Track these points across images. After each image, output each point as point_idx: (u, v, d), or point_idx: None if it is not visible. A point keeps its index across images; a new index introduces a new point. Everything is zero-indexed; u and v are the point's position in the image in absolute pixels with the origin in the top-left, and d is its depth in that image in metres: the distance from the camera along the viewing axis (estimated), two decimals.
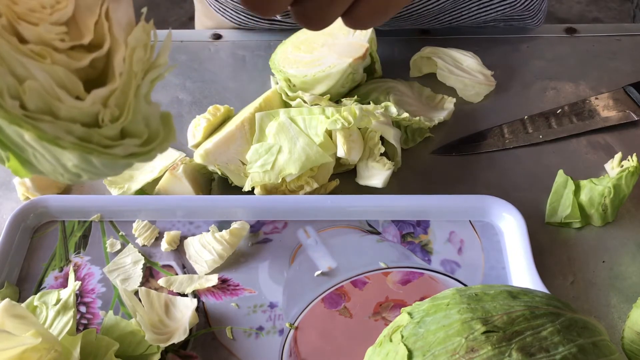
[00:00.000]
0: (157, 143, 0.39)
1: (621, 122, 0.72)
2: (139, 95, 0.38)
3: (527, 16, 0.87)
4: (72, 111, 0.36)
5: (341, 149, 0.63)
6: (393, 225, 0.64)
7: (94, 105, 0.36)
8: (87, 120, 0.37)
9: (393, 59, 0.80)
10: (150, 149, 0.39)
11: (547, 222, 0.65)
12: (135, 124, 0.39)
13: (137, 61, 0.38)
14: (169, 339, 0.54)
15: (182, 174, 0.64)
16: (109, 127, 0.37)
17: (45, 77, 0.35)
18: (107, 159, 0.37)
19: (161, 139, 0.39)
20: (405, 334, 0.42)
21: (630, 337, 0.49)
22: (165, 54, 0.40)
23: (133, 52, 0.37)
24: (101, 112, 0.37)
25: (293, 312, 0.58)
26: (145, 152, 0.39)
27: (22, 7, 0.35)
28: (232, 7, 0.86)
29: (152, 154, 0.39)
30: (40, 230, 0.64)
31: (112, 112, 0.37)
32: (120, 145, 0.37)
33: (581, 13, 2.25)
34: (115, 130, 0.37)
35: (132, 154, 0.38)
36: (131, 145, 0.38)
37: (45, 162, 0.37)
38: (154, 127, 0.40)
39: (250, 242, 0.63)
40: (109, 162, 0.37)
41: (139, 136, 0.39)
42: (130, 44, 0.37)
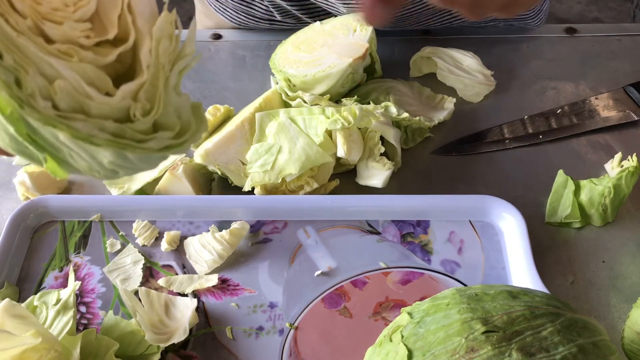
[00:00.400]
0: (190, 134, 0.39)
1: (621, 122, 0.72)
2: (169, 87, 0.38)
3: (528, 16, 0.87)
4: (103, 108, 0.36)
5: (341, 149, 0.63)
6: (393, 225, 0.64)
7: (124, 100, 0.36)
8: (119, 116, 0.37)
9: (393, 59, 0.80)
10: (184, 141, 0.39)
11: (547, 222, 0.65)
12: (167, 117, 0.38)
13: (164, 52, 0.37)
14: (169, 339, 0.54)
15: (182, 174, 0.64)
16: (141, 121, 0.37)
17: (73, 75, 0.35)
18: (142, 154, 0.37)
19: (194, 130, 0.39)
20: (405, 334, 0.42)
21: (630, 337, 0.49)
22: (192, 43, 0.39)
23: (159, 44, 0.37)
24: (132, 106, 0.37)
25: (293, 312, 0.58)
26: (179, 144, 0.38)
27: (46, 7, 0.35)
28: (233, 7, 0.86)
29: (186, 145, 0.39)
30: (40, 230, 0.64)
31: (143, 105, 0.37)
32: (154, 139, 0.37)
33: (581, 13, 2.25)
34: (147, 124, 0.37)
35: (166, 146, 0.38)
36: (165, 138, 0.38)
37: (81, 161, 0.37)
38: (186, 118, 0.39)
39: (250, 242, 0.63)
40: (144, 157, 0.37)
41: (171, 128, 0.38)
42: (155, 36, 0.37)
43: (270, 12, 0.85)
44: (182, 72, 0.39)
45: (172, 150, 0.38)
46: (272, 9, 0.84)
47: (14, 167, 0.71)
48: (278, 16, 0.85)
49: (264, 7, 0.84)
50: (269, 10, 0.84)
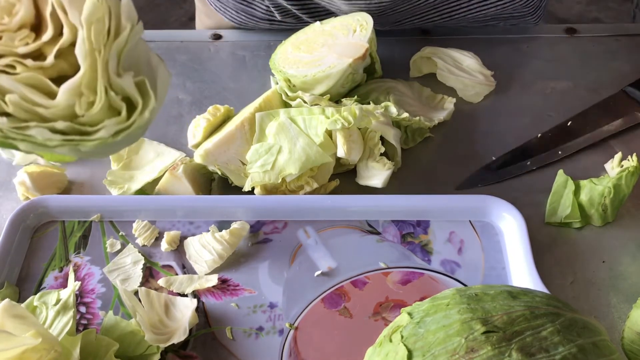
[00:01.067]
0: (137, 114, 0.39)
1: (629, 125, 0.71)
2: (110, 71, 0.38)
3: (527, 13, 0.87)
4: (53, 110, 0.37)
5: (341, 149, 0.63)
6: (393, 225, 0.64)
7: (69, 99, 0.37)
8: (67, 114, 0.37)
9: (393, 59, 0.80)
10: (132, 123, 0.39)
11: (547, 222, 0.65)
12: (113, 101, 0.38)
13: (97, 36, 0.37)
14: (169, 339, 0.54)
15: (182, 174, 0.64)
16: (88, 115, 0.37)
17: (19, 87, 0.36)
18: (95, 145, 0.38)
19: (140, 110, 0.39)
20: (405, 334, 0.42)
21: (630, 337, 0.49)
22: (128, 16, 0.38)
23: (90, 30, 0.37)
24: (77, 103, 0.37)
25: (293, 312, 0.58)
26: (128, 126, 0.39)
27: None
28: (233, 6, 0.86)
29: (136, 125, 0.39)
30: (40, 230, 0.64)
31: (87, 98, 0.37)
32: (102, 129, 0.38)
33: (581, 13, 2.25)
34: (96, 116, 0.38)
35: (116, 131, 0.38)
36: (112, 125, 0.38)
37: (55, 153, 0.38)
38: (133, 98, 0.39)
39: (250, 242, 0.63)
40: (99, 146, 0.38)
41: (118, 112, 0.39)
42: (86, 23, 0.37)
43: (271, 11, 0.85)
44: (122, 52, 0.39)
45: (123, 133, 0.39)
46: (273, 8, 0.84)
47: (14, 167, 0.71)
48: (278, 16, 0.85)
49: (265, 6, 0.84)
50: (270, 10, 0.84)
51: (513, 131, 0.73)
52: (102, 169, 0.70)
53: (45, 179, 0.67)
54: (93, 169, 0.71)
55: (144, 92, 0.40)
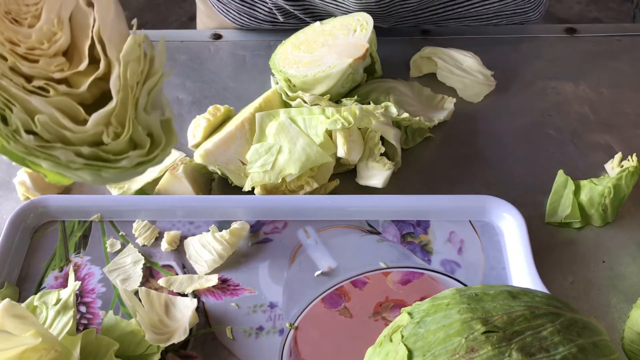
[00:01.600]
0: (160, 149, 0.42)
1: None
2: (138, 108, 0.41)
3: (529, 9, 0.87)
4: (79, 135, 0.39)
5: (341, 149, 0.63)
6: (393, 225, 0.64)
7: (97, 127, 0.40)
8: (93, 140, 0.40)
9: (393, 59, 0.80)
10: (155, 156, 0.42)
11: (547, 222, 0.65)
12: (138, 135, 0.41)
13: (132, 75, 0.40)
14: (169, 339, 0.53)
15: (182, 174, 0.64)
16: (113, 144, 0.40)
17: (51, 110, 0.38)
18: (116, 172, 0.40)
19: (164, 145, 0.42)
20: (405, 334, 0.42)
21: (630, 337, 0.49)
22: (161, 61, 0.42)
23: (127, 68, 0.40)
24: (104, 132, 0.40)
25: (293, 312, 0.58)
26: (150, 160, 0.42)
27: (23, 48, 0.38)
28: (235, 8, 0.86)
29: (157, 159, 0.42)
30: (40, 230, 0.64)
31: (115, 129, 0.40)
32: (126, 158, 0.40)
33: (581, 13, 2.25)
34: (120, 146, 0.40)
35: (138, 163, 0.41)
36: (136, 157, 0.41)
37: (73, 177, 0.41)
38: (156, 134, 0.42)
39: (250, 242, 0.63)
40: (119, 174, 0.41)
41: (142, 146, 0.41)
42: (123, 61, 0.40)
43: (273, 13, 0.85)
44: (152, 92, 0.42)
45: (144, 165, 0.42)
46: (275, 10, 0.84)
47: (14, 167, 0.71)
48: (281, 17, 0.85)
49: (267, 8, 0.84)
50: (272, 12, 0.84)
51: (513, 131, 0.73)
52: None
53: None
54: None
55: (167, 130, 0.43)
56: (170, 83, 0.80)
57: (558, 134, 0.73)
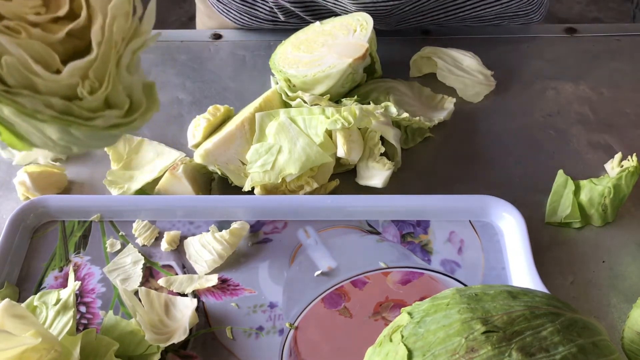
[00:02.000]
0: (139, 114, 0.39)
1: None
2: (121, 66, 0.38)
3: (530, 10, 0.87)
4: (51, 85, 0.36)
5: (341, 149, 0.63)
6: (393, 225, 0.64)
7: (72, 78, 0.36)
8: (67, 93, 0.36)
9: (393, 59, 0.80)
10: (132, 120, 0.39)
11: (547, 222, 0.65)
12: (117, 95, 0.38)
13: (118, 30, 0.37)
14: (169, 339, 0.54)
15: (182, 174, 0.64)
16: (89, 100, 0.37)
17: (20, 52, 0.35)
18: (88, 131, 0.37)
19: (143, 110, 0.39)
20: (405, 334, 0.42)
21: (630, 337, 0.49)
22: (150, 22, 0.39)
23: (113, 21, 0.37)
24: (80, 85, 0.36)
25: (293, 312, 0.58)
26: (127, 123, 0.38)
27: None
28: (236, 8, 0.86)
29: (135, 124, 0.39)
30: (40, 230, 0.64)
31: (92, 83, 0.37)
32: (100, 117, 0.37)
33: (581, 13, 2.25)
34: (96, 102, 0.37)
35: (113, 124, 0.38)
36: (112, 117, 0.38)
37: (34, 136, 0.37)
38: (137, 97, 0.39)
39: (250, 242, 0.63)
40: (91, 134, 0.37)
41: (120, 107, 0.38)
42: (110, 13, 0.36)
43: (274, 13, 0.85)
44: (137, 51, 0.39)
45: (120, 128, 0.38)
46: (276, 9, 0.84)
47: (14, 167, 0.71)
48: (282, 17, 0.85)
49: (268, 8, 0.84)
50: (273, 12, 0.84)
51: (513, 131, 0.73)
52: (102, 169, 0.70)
53: (45, 179, 0.67)
54: (93, 169, 0.71)
55: (149, 95, 0.40)
56: (170, 83, 0.80)
57: (558, 134, 0.73)
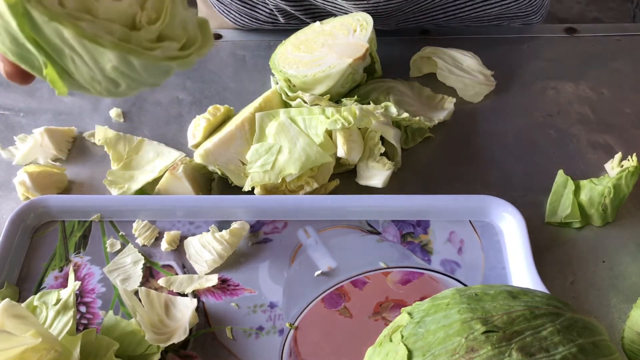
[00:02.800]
0: (196, 47, 0.39)
1: None
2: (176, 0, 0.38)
3: (531, 12, 0.87)
4: (110, 11, 0.36)
5: (341, 149, 0.63)
6: (393, 225, 0.64)
7: (131, 7, 0.36)
8: (125, 22, 0.37)
9: (393, 59, 0.80)
10: (189, 53, 0.39)
11: (547, 222, 0.65)
12: (173, 28, 0.38)
13: None
14: (169, 339, 0.54)
15: (182, 174, 0.64)
16: (147, 30, 0.37)
17: None
18: (147, 60, 0.37)
19: (199, 44, 0.40)
20: (405, 334, 0.42)
21: (630, 337, 0.49)
22: None
23: None
24: (138, 14, 0.37)
25: (293, 312, 0.58)
26: (185, 56, 0.39)
27: None
28: (236, 9, 0.86)
29: (191, 58, 0.39)
30: (40, 230, 0.64)
31: (149, 14, 0.37)
32: (159, 48, 0.37)
33: (581, 13, 2.25)
34: (153, 34, 0.37)
35: (171, 57, 0.38)
36: (170, 49, 0.38)
37: (83, 67, 0.36)
38: (192, 32, 0.40)
39: (250, 242, 0.63)
40: (149, 65, 0.37)
41: (177, 40, 0.39)
42: None
43: (274, 15, 0.85)
44: None
45: (178, 61, 0.38)
46: (276, 12, 0.84)
47: (14, 167, 0.71)
48: (281, 19, 0.85)
49: (268, 10, 0.84)
50: (273, 14, 0.84)
51: (513, 131, 0.73)
52: (102, 169, 0.70)
53: (45, 178, 0.67)
54: (93, 169, 0.71)
55: (204, 31, 0.40)
56: (170, 83, 0.80)
57: (558, 134, 0.73)
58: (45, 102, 0.78)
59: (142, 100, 0.78)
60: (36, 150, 0.71)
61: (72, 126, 0.75)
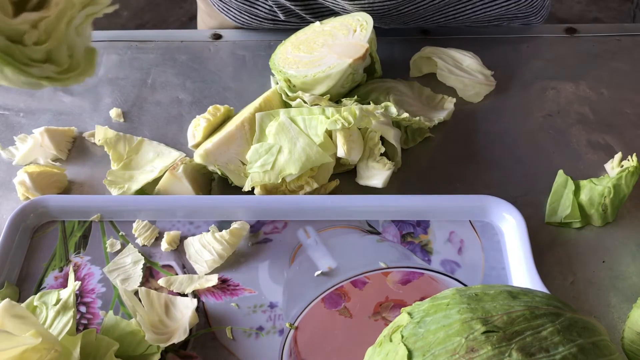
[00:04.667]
0: (75, 74, 0.41)
1: None
2: (71, 26, 0.40)
3: (531, 13, 0.86)
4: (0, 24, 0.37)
5: (341, 149, 0.63)
6: (393, 225, 0.64)
7: (23, 25, 0.38)
8: (12, 35, 0.38)
9: (393, 59, 0.80)
10: (66, 78, 0.41)
11: (547, 222, 0.65)
12: (59, 52, 0.40)
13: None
14: (169, 339, 0.54)
15: (182, 174, 0.64)
16: (33, 49, 0.38)
17: None
18: (21, 75, 0.39)
19: (79, 71, 0.41)
20: (405, 334, 0.42)
21: (630, 337, 0.49)
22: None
23: None
24: (28, 32, 0.38)
25: (293, 312, 0.58)
26: (60, 80, 0.41)
27: None
28: (236, 6, 0.86)
29: (68, 82, 0.41)
30: (40, 230, 0.64)
31: (39, 35, 0.38)
32: (38, 67, 0.39)
33: (581, 13, 2.25)
34: (39, 54, 0.39)
35: (47, 77, 0.40)
36: (49, 71, 0.39)
37: None
38: (77, 59, 0.41)
39: (250, 242, 0.63)
40: (24, 79, 0.39)
41: (60, 64, 0.40)
42: None
43: (274, 12, 0.84)
44: (90, 17, 0.41)
45: (53, 82, 0.40)
46: (276, 8, 0.84)
47: (14, 167, 0.71)
48: (282, 16, 0.85)
49: (268, 7, 0.84)
50: (273, 10, 0.84)
51: (513, 131, 0.73)
52: (102, 169, 0.70)
53: (45, 179, 0.67)
54: (93, 169, 0.71)
55: (89, 59, 0.42)
56: (170, 83, 0.80)
57: (558, 134, 0.73)
58: (45, 102, 0.78)
59: (142, 100, 0.78)
60: (36, 150, 0.71)
61: (72, 126, 0.75)
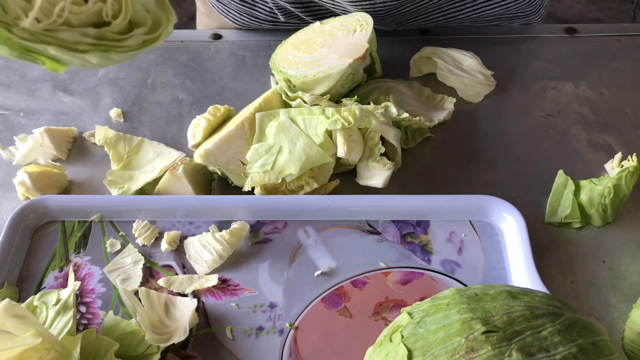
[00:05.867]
0: (163, 27, 0.43)
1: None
2: None
3: (530, 12, 0.87)
4: (81, 16, 0.39)
5: (341, 149, 0.63)
6: (393, 225, 0.64)
7: (95, 5, 0.40)
8: (95, 21, 0.40)
9: (393, 59, 0.80)
10: (158, 35, 0.43)
11: (547, 222, 0.65)
12: (137, 13, 0.42)
13: None
14: (169, 339, 0.54)
15: (182, 174, 0.64)
16: (116, 24, 0.41)
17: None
18: (124, 52, 0.41)
19: (165, 23, 0.44)
20: (405, 334, 0.42)
21: (630, 337, 0.49)
22: None
23: None
24: (103, 8, 0.40)
25: (293, 312, 0.58)
26: (155, 39, 0.43)
27: None
28: (236, 8, 0.86)
29: (161, 38, 0.43)
30: (40, 230, 0.64)
31: (112, 6, 0.41)
32: (131, 37, 0.41)
33: (581, 13, 2.25)
34: (122, 25, 0.41)
35: (143, 41, 0.42)
36: (140, 34, 0.42)
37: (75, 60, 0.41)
38: (154, 12, 0.43)
39: (250, 242, 0.63)
40: (129, 54, 0.42)
41: (144, 24, 0.42)
42: None
43: (274, 13, 0.84)
44: None
45: (150, 44, 0.43)
46: (276, 10, 0.84)
47: (14, 167, 0.71)
48: (281, 17, 0.85)
49: (268, 8, 0.84)
50: (273, 12, 0.84)
51: (513, 131, 0.73)
52: (102, 169, 0.70)
53: (45, 179, 0.67)
54: (93, 169, 0.71)
55: (163, 8, 0.44)
56: (170, 83, 0.80)
57: (558, 134, 0.73)
58: (45, 102, 0.78)
59: (142, 100, 0.78)
60: (36, 150, 0.71)
61: (72, 126, 0.75)
